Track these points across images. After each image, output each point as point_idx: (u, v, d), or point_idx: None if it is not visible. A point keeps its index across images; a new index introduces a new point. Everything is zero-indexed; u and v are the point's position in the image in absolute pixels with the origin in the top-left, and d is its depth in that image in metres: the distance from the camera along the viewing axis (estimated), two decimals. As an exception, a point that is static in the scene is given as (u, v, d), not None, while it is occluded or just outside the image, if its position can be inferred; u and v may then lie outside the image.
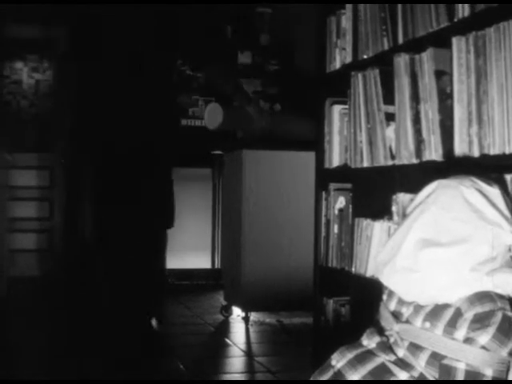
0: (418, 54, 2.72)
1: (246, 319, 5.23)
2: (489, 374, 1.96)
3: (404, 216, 2.39)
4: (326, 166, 3.67)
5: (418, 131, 2.74)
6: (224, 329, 5.14)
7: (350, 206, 3.43)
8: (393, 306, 2.27)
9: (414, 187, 2.48)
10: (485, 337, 1.96)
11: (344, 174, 3.49)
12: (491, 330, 1.97)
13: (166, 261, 4.97)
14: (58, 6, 6.93)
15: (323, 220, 3.67)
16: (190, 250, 5.96)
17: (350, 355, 2.19)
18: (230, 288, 5.52)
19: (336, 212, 3.55)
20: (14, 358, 4.09)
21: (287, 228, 5.27)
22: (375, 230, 3.13)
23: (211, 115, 5.12)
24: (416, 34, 2.81)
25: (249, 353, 4.39)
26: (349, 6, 3.42)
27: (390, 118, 3.02)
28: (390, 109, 3.01)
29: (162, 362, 4.09)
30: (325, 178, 3.69)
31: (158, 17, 4.92)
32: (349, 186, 3.47)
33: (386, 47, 3.08)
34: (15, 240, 7.16)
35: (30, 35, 7.25)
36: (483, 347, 1.96)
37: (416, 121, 2.75)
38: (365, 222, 3.22)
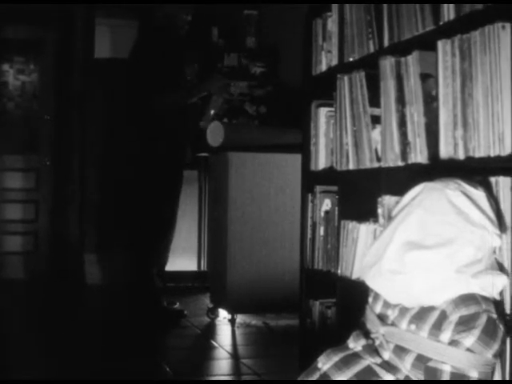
0: (404, 56, 2.73)
1: (232, 321, 5.22)
2: (474, 376, 1.97)
3: (390, 218, 2.40)
4: (312, 168, 3.67)
5: (403, 134, 2.75)
6: (210, 331, 5.14)
7: (336, 208, 3.43)
8: (378, 308, 2.28)
9: (400, 190, 2.49)
10: (470, 339, 1.97)
11: (330, 176, 3.49)
12: (476, 332, 1.98)
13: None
14: (46, 8, 6.92)
15: (309, 222, 3.67)
16: (175, 251, 5.93)
17: (336, 358, 2.20)
18: (216, 290, 5.51)
19: (322, 214, 3.56)
20: (3, 360, 4.07)
21: (273, 230, 5.27)
22: (361, 233, 3.13)
23: (213, 134, 5.29)
24: (402, 37, 2.82)
25: (235, 355, 4.39)
26: (335, 9, 3.42)
27: (375, 120, 3.03)
28: (376, 111, 3.02)
29: (147, 365, 4.08)
30: (311, 180, 3.69)
31: None
32: (335, 188, 3.47)
33: (372, 50, 3.09)
34: (0, 242, 7.14)
35: (17, 37, 7.23)
36: (468, 349, 1.97)
37: (401, 123, 2.76)
38: (351, 225, 3.23)
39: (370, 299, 2.34)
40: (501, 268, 2.17)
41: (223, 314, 5.46)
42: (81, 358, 4.22)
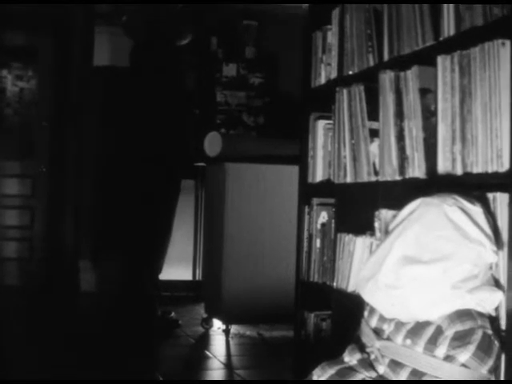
0: (403, 71, 2.74)
1: (226, 332, 5.21)
2: (469, 391, 1.97)
3: (386, 232, 2.40)
4: (310, 180, 3.67)
5: (401, 148, 2.76)
6: (204, 341, 5.13)
7: (333, 220, 3.44)
8: (374, 322, 2.28)
9: (397, 204, 2.49)
10: (465, 354, 1.97)
11: (327, 188, 3.49)
12: (471, 347, 1.98)
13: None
14: (44, 14, 6.92)
15: (306, 234, 3.68)
16: (171, 261, 5.94)
17: (332, 371, 2.20)
18: (210, 300, 5.51)
19: (318, 227, 3.56)
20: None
21: (269, 241, 5.27)
22: (357, 246, 3.14)
23: (211, 144, 5.31)
24: (401, 52, 2.83)
25: (229, 365, 4.38)
26: (335, 22, 3.43)
27: (374, 134, 3.03)
28: (374, 125, 3.03)
29: (140, 373, 4.07)
30: (308, 192, 3.69)
31: None
32: (332, 201, 3.48)
33: (372, 64, 3.09)
34: (-4, 248, 7.13)
35: (15, 43, 7.22)
36: (463, 365, 1.97)
37: (400, 138, 2.76)
38: (347, 238, 3.23)
39: (366, 313, 2.34)
40: (497, 284, 2.18)
41: (217, 324, 5.45)
42: (73, 365, 4.20)
